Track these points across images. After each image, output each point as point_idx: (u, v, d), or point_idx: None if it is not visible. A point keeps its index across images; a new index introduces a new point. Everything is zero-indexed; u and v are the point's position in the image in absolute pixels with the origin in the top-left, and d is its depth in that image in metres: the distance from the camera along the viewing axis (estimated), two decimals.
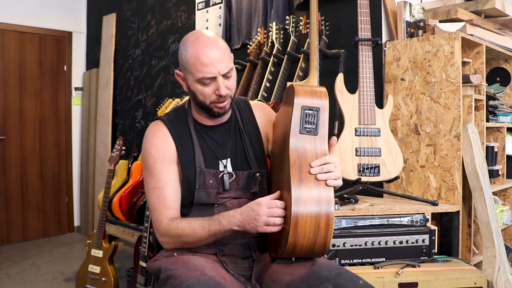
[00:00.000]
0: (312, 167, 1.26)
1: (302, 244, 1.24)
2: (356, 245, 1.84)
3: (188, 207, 1.44)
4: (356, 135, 2.06)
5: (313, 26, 2.25)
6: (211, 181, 1.43)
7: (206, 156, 1.46)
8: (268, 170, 1.53)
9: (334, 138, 1.35)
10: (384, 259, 1.86)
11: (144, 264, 2.46)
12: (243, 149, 1.50)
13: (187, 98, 3.22)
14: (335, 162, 1.29)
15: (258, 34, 2.85)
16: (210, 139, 1.48)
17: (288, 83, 1.43)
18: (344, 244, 1.82)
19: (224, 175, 1.44)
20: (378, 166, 2.05)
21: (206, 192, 1.42)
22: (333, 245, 1.82)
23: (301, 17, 2.60)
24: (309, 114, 1.32)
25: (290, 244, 1.23)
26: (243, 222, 1.28)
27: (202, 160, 1.44)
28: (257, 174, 1.46)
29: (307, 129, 1.31)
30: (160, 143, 1.44)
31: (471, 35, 2.33)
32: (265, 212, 1.25)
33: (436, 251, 1.90)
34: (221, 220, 1.31)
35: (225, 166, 1.46)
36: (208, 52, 1.34)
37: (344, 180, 2.04)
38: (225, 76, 1.37)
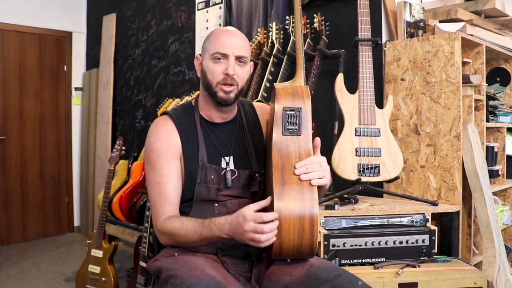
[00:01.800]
0: (296, 168, 1.26)
1: (288, 246, 1.23)
2: (356, 245, 1.84)
3: (189, 204, 1.44)
4: (356, 135, 2.06)
5: (297, 25, 2.25)
6: (212, 177, 1.44)
7: (210, 152, 1.47)
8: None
9: (318, 139, 1.34)
10: (384, 259, 1.86)
11: (144, 264, 2.46)
12: (245, 148, 1.51)
13: (187, 98, 3.22)
14: (320, 161, 1.29)
15: (258, 34, 2.85)
16: (214, 136, 1.49)
17: (274, 84, 1.43)
18: (344, 244, 1.83)
19: (227, 172, 1.45)
20: (378, 166, 2.05)
21: (206, 187, 1.43)
22: (333, 245, 1.82)
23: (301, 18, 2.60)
24: (291, 115, 1.31)
25: (275, 246, 1.23)
26: (232, 234, 1.27)
27: (206, 155, 1.45)
28: (256, 175, 1.47)
29: (290, 130, 1.31)
30: (164, 138, 1.44)
31: (471, 35, 2.33)
32: (250, 228, 1.21)
33: (436, 251, 1.90)
34: (212, 228, 1.30)
35: (227, 163, 1.47)
36: (230, 36, 1.44)
37: (344, 180, 2.05)
38: (238, 60, 1.42)
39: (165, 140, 1.44)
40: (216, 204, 1.44)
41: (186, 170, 1.44)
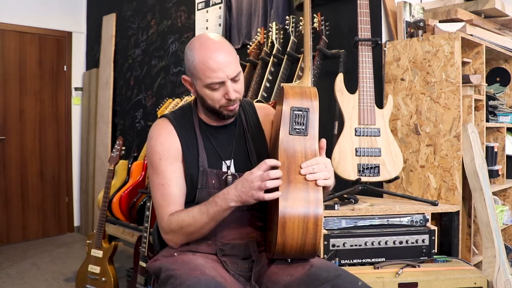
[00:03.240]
0: (302, 168, 1.26)
1: (292, 245, 1.24)
2: (356, 245, 1.84)
3: (190, 205, 1.44)
4: (356, 135, 2.06)
5: (306, 27, 2.25)
6: (213, 181, 1.44)
7: (210, 156, 1.46)
8: None
9: (323, 140, 1.34)
10: (384, 259, 1.86)
11: (144, 264, 2.46)
12: (246, 151, 1.50)
13: (187, 98, 3.22)
14: (326, 162, 1.30)
15: (258, 34, 2.85)
16: (214, 139, 1.48)
17: (282, 84, 1.43)
18: (344, 244, 1.83)
19: (228, 177, 1.44)
20: (378, 166, 2.05)
21: (207, 192, 1.43)
22: (333, 245, 1.82)
23: (301, 17, 2.59)
24: (298, 115, 1.32)
25: (279, 245, 1.23)
26: (239, 195, 1.26)
27: (206, 159, 1.45)
28: None
29: (297, 130, 1.31)
30: (165, 141, 1.44)
31: (471, 35, 2.33)
32: (257, 177, 1.23)
33: (436, 251, 1.90)
34: (217, 201, 1.30)
35: (228, 167, 1.46)
36: (215, 57, 1.33)
37: (344, 180, 2.05)
38: (234, 79, 1.37)
39: (166, 143, 1.43)
40: None
41: (187, 174, 1.44)
